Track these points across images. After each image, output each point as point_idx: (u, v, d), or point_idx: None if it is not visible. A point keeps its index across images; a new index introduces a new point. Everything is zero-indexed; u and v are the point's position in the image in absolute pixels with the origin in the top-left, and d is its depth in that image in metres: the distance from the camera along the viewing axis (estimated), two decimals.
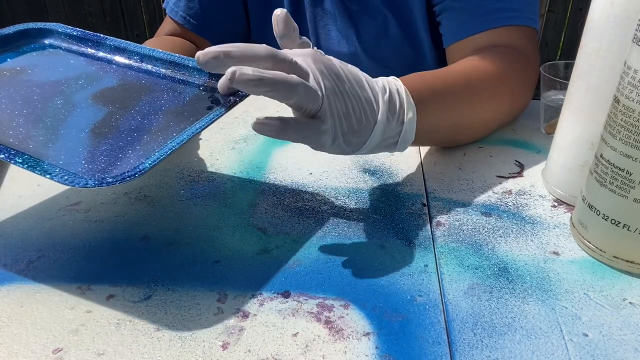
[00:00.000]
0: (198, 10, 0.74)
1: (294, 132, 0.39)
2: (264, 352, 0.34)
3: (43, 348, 0.34)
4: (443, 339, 0.35)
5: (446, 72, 0.53)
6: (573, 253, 0.42)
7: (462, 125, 0.55)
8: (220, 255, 0.42)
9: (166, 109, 0.44)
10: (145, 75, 0.48)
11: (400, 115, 0.44)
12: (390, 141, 0.45)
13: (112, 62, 0.50)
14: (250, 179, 0.53)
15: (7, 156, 0.36)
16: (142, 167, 0.36)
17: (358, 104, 0.41)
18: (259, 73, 0.36)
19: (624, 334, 0.35)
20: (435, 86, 0.49)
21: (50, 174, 0.35)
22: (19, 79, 0.45)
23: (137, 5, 2.09)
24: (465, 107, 0.53)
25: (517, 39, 0.61)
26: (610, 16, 0.40)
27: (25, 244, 0.44)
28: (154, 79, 0.48)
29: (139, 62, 0.49)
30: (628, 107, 0.36)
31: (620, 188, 0.38)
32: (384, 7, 0.70)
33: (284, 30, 0.41)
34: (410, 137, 0.46)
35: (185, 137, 0.39)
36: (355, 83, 0.41)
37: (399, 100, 0.44)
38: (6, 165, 0.46)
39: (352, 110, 0.41)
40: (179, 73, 0.48)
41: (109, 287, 0.39)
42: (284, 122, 0.38)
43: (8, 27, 0.50)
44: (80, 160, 0.37)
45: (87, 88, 0.46)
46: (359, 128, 0.41)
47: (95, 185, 0.35)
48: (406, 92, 0.45)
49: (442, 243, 0.43)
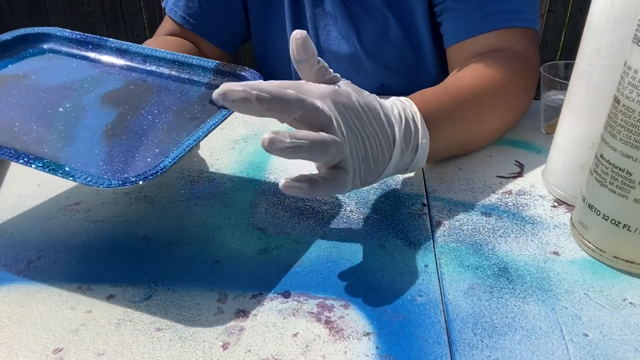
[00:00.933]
0: (197, 10, 0.74)
1: (323, 189, 0.38)
2: (264, 352, 0.34)
3: (43, 348, 0.34)
4: (443, 339, 0.35)
5: (455, 89, 0.53)
6: (573, 253, 0.42)
7: (471, 140, 0.55)
8: (220, 255, 0.42)
9: (176, 108, 0.44)
10: (150, 75, 0.49)
11: (415, 145, 0.44)
12: (402, 168, 0.45)
13: (115, 64, 0.50)
14: (250, 179, 0.53)
15: (26, 161, 0.36)
16: (162, 165, 0.37)
17: (376, 143, 0.40)
18: (296, 140, 0.34)
19: (624, 334, 0.35)
20: (447, 106, 0.50)
21: (73, 176, 0.35)
22: (24, 85, 0.45)
23: (137, 5, 2.09)
24: (474, 124, 0.54)
25: (517, 41, 0.61)
26: (610, 16, 0.40)
27: (25, 244, 0.44)
28: (159, 79, 0.48)
29: (142, 63, 0.49)
30: (628, 107, 0.36)
31: (621, 188, 0.38)
32: (385, 8, 0.70)
33: (303, 56, 0.38)
34: (422, 163, 0.46)
35: (200, 135, 0.40)
36: (373, 118, 0.40)
37: (413, 129, 0.44)
38: (6, 165, 0.46)
39: (370, 150, 0.40)
40: (184, 72, 0.49)
41: (109, 287, 0.39)
42: (312, 182, 0.37)
43: (6, 33, 0.50)
44: (98, 162, 0.38)
45: (94, 91, 0.46)
46: (375, 166, 0.41)
47: (119, 185, 0.35)
48: (421, 118, 0.44)
49: (442, 243, 0.43)
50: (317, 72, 0.40)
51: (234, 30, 0.80)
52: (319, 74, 0.40)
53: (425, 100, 0.47)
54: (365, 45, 0.74)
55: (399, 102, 0.45)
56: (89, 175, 0.35)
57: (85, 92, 0.45)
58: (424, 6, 0.68)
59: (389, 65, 0.75)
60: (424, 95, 0.49)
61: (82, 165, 0.37)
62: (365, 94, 0.41)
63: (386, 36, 0.72)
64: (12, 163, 0.38)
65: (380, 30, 0.72)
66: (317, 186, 0.37)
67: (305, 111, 0.36)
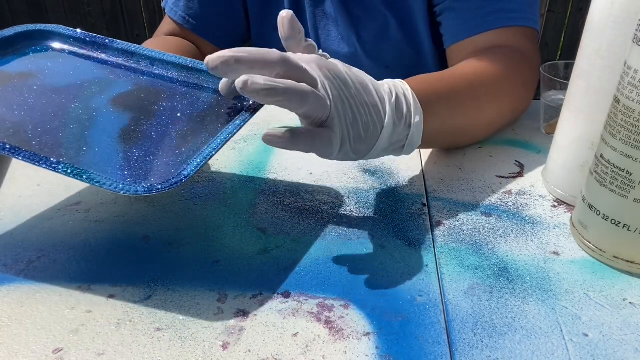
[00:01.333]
0: (198, 10, 0.74)
1: (304, 142, 0.38)
2: (264, 352, 0.34)
3: (43, 348, 0.34)
4: (443, 339, 0.35)
5: (450, 75, 0.53)
6: (573, 253, 0.42)
7: (466, 128, 0.55)
8: (220, 255, 0.42)
9: (189, 114, 0.44)
10: (160, 80, 0.48)
11: (408, 119, 0.44)
12: (397, 145, 0.45)
13: (122, 66, 0.50)
14: (250, 179, 0.53)
15: (49, 165, 0.36)
16: (185, 173, 0.37)
17: (365, 110, 0.41)
18: (271, 82, 0.35)
19: (624, 334, 0.35)
20: (440, 89, 0.49)
21: (98, 182, 0.35)
22: (31, 84, 0.45)
23: (137, 5, 2.09)
24: (469, 109, 0.53)
25: (517, 40, 0.61)
26: (610, 16, 0.40)
27: (25, 244, 0.44)
28: (169, 84, 0.48)
29: (150, 66, 0.49)
30: (628, 107, 0.36)
31: (621, 188, 0.38)
32: (385, 8, 0.70)
33: (290, 33, 0.40)
34: (417, 141, 0.46)
35: (219, 142, 0.40)
36: (362, 88, 0.41)
37: (405, 104, 0.44)
38: (6, 165, 0.46)
39: (359, 117, 0.40)
40: (194, 77, 0.48)
41: (109, 287, 0.39)
42: (293, 133, 0.38)
43: (7, 29, 0.50)
44: (116, 166, 0.38)
45: (103, 93, 0.46)
46: (366, 134, 0.41)
47: (144, 193, 0.35)
48: (413, 95, 0.44)
49: (442, 243, 0.43)
50: (306, 49, 0.41)
51: (234, 30, 0.80)
52: (307, 51, 0.41)
53: (418, 82, 0.47)
54: (366, 46, 0.74)
55: (390, 80, 0.45)
56: (113, 181, 0.36)
57: (95, 94, 0.45)
58: (423, 6, 0.69)
59: (389, 65, 0.75)
60: (418, 78, 0.49)
61: (100, 170, 0.37)
62: (354, 69, 0.42)
63: (386, 36, 0.73)
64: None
65: (380, 30, 0.72)
66: (299, 137, 0.38)
67: (287, 68, 0.37)
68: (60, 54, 0.50)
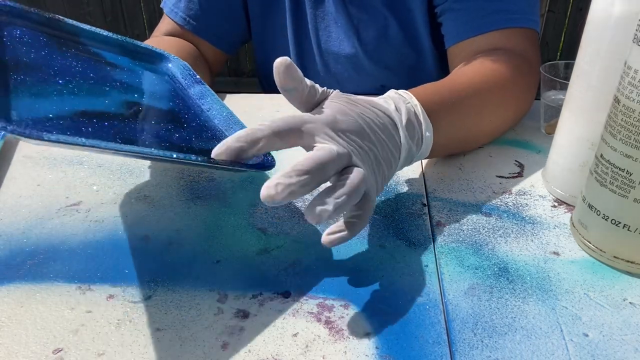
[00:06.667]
0: (198, 11, 0.74)
1: (360, 226, 0.37)
2: (264, 352, 0.34)
3: (43, 348, 0.34)
4: (443, 339, 0.35)
5: (455, 84, 0.53)
6: (573, 253, 0.42)
7: (471, 137, 0.55)
8: (220, 255, 0.42)
9: (197, 125, 0.47)
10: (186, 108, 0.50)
11: (419, 139, 0.44)
12: (407, 162, 0.45)
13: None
14: (250, 179, 0.53)
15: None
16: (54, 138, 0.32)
17: (384, 150, 0.40)
18: (338, 202, 0.33)
19: (624, 334, 0.35)
20: (447, 100, 0.49)
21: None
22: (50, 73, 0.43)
23: (137, 5, 2.09)
24: (474, 119, 0.53)
25: (518, 41, 0.61)
26: (610, 16, 0.40)
27: (26, 244, 0.44)
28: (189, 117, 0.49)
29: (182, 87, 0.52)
30: (628, 107, 0.36)
31: (621, 188, 0.38)
32: (385, 9, 0.70)
33: (291, 84, 0.37)
34: (426, 154, 0.46)
35: (152, 153, 0.36)
36: (377, 128, 0.39)
37: (416, 123, 0.44)
38: (6, 165, 0.46)
39: (382, 159, 0.40)
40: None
41: (109, 287, 0.39)
42: (349, 225, 0.36)
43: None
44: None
45: (124, 94, 0.46)
46: (388, 171, 0.41)
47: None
48: (423, 112, 0.44)
49: (442, 243, 0.43)
50: (308, 96, 0.38)
51: (235, 31, 0.80)
52: (310, 97, 0.38)
53: (427, 94, 0.47)
54: (366, 47, 0.74)
55: (397, 95, 0.44)
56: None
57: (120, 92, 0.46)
58: (423, 7, 0.69)
59: (389, 66, 0.75)
60: (426, 89, 0.49)
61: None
62: (360, 103, 0.40)
63: (386, 37, 0.73)
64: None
65: (381, 31, 0.72)
66: (355, 226, 0.36)
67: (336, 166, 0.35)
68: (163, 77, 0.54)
